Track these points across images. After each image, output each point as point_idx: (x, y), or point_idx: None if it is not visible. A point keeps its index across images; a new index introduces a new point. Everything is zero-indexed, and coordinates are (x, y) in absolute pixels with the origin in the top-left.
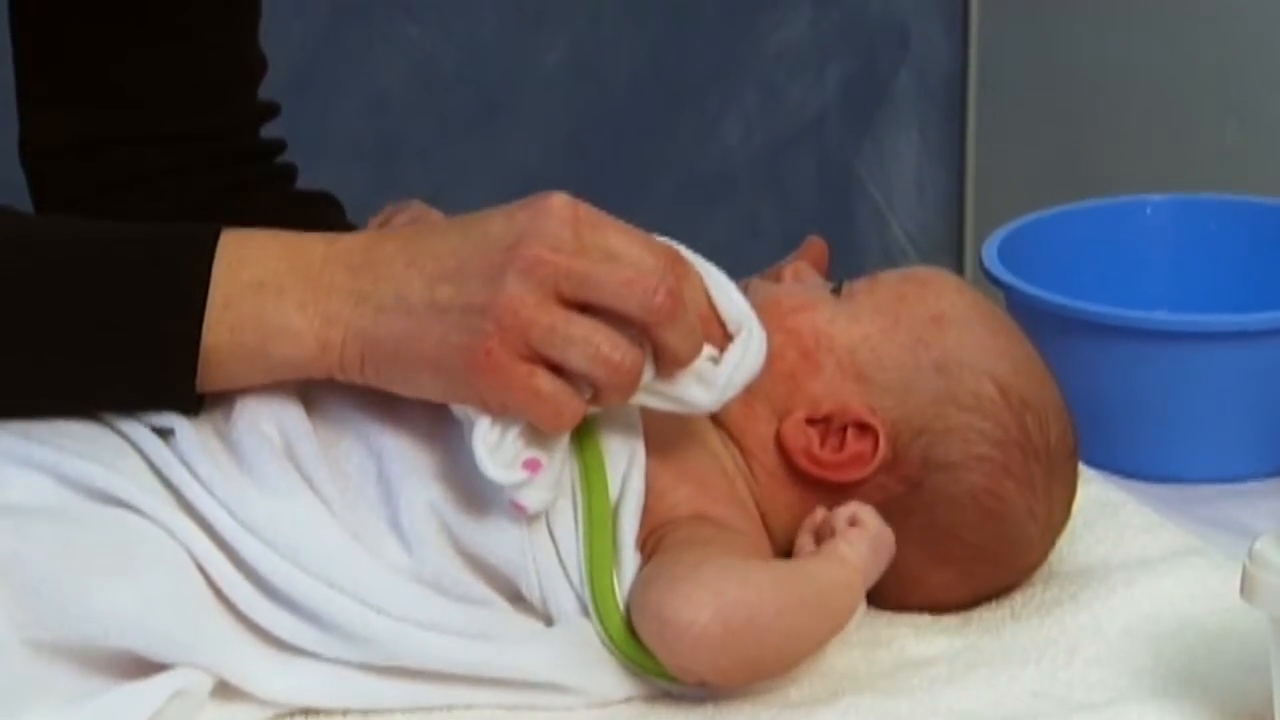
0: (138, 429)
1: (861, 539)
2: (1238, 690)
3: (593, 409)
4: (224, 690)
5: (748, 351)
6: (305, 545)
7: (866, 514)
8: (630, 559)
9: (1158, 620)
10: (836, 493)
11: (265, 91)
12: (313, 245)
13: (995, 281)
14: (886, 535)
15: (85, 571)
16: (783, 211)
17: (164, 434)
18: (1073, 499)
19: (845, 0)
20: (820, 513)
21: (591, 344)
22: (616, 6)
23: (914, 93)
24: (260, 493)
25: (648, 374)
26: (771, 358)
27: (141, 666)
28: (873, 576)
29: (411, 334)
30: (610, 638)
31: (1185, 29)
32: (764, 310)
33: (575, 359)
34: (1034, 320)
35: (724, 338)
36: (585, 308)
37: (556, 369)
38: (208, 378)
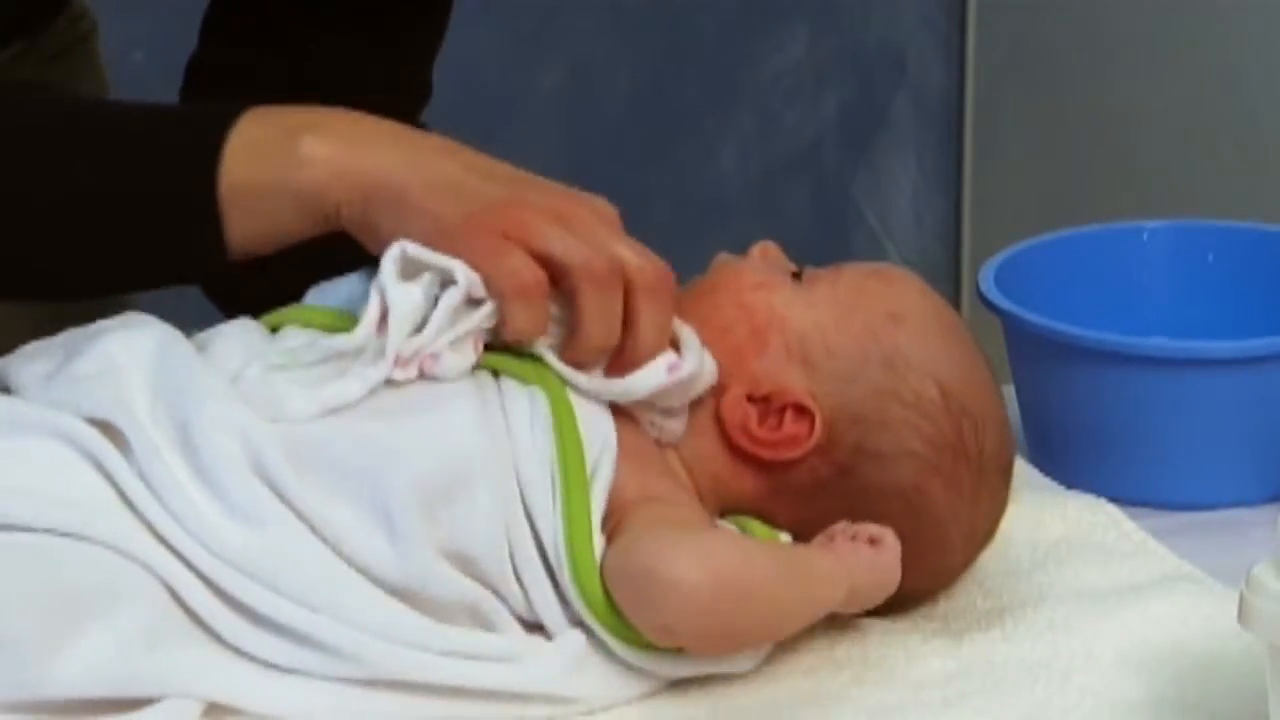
0: (94, 439)
1: (869, 556)
2: (1232, 717)
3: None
4: (215, 710)
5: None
6: (285, 572)
7: (890, 540)
8: (598, 538)
9: (1150, 646)
10: (768, 470)
11: None
12: (354, 112)
13: (992, 308)
14: (893, 569)
15: (62, 625)
16: (779, 237)
17: (108, 429)
18: (1001, 513)
19: (842, 26)
20: (844, 524)
21: (578, 240)
22: (612, 31)
23: (911, 119)
24: (232, 521)
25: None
26: (722, 331)
27: (128, 703)
28: (860, 597)
29: (425, 189)
30: (588, 605)
31: (1183, 55)
32: (725, 284)
33: (557, 246)
34: (1031, 346)
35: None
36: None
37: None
38: (242, 219)
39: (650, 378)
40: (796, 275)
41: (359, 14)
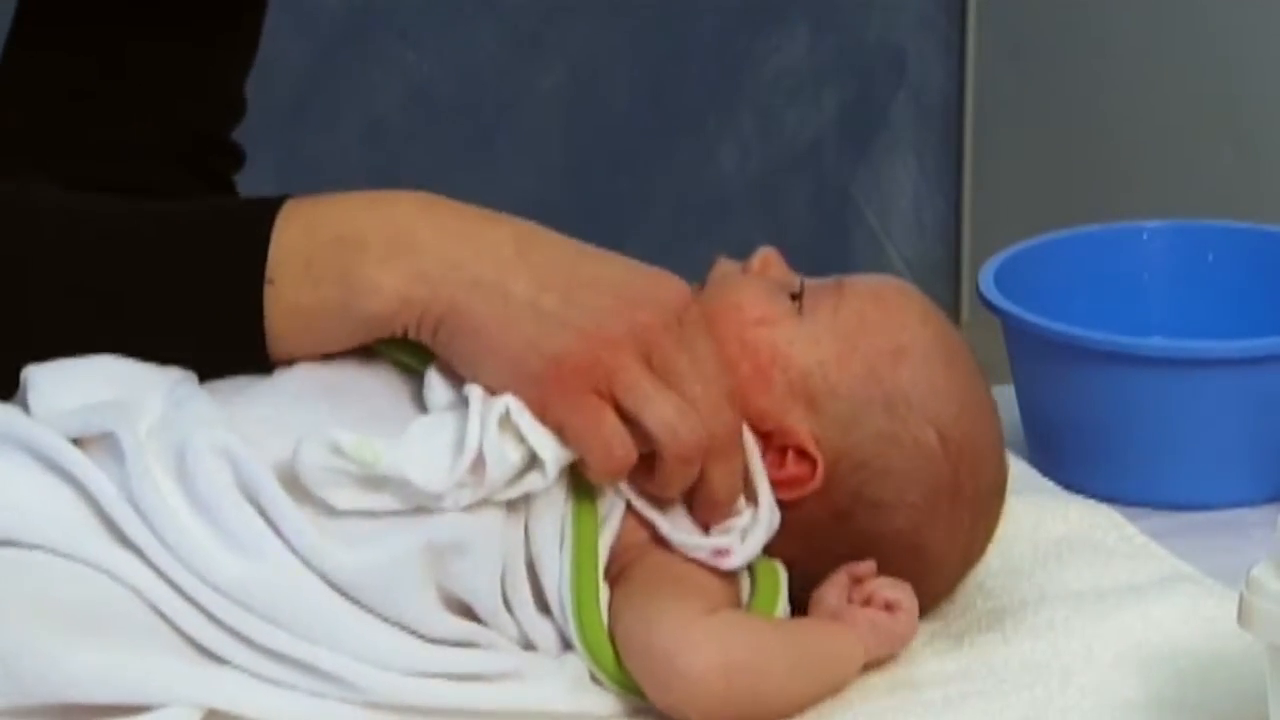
0: (78, 462)
1: (887, 627)
2: (1232, 717)
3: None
4: (215, 716)
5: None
6: (282, 606)
7: (907, 602)
8: (602, 589)
9: (1150, 646)
10: None
11: (263, 114)
12: (400, 203)
13: (992, 308)
14: (910, 633)
15: (56, 639)
16: (779, 237)
17: (103, 440)
18: (994, 530)
19: (842, 26)
20: (866, 566)
21: (668, 408)
22: (613, 32)
23: (911, 118)
24: (228, 551)
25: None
26: (724, 367)
27: (129, 709)
28: (874, 659)
29: (502, 321)
30: (603, 672)
31: (1182, 55)
32: (726, 315)
33: (649, 417)
34: (1030, 346)
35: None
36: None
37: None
38: (296, 341)
39: (697, 548)
40: (796, 296)
41: (166, 19)
